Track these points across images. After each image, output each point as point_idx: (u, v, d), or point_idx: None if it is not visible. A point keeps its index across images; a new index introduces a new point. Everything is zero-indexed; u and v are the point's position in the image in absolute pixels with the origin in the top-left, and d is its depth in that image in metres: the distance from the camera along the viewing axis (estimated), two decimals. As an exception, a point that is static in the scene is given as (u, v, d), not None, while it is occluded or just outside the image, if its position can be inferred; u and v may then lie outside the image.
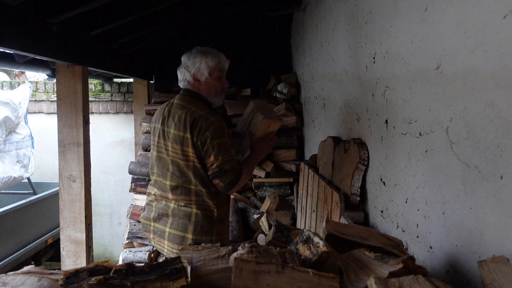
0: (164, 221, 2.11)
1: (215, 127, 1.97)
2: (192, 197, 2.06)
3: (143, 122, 3.98)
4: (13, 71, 6.79)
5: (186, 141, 1.99)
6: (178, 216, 2.07)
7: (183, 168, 2.03)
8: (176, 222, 2.07)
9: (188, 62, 2.12)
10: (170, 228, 2.09)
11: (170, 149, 2.06)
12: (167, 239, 2.09)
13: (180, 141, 2.00)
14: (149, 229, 2.19)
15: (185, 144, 1.99)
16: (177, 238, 2.06)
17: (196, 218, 2.06)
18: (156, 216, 2.15)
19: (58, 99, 2.63)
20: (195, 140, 1.98)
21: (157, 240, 2.15)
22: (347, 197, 1.88)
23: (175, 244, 2.07)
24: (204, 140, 1.96)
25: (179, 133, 2.01)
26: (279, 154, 3.82)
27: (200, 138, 1.97)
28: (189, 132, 1.97)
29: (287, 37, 4.54)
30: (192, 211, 2.06)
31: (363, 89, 1.90)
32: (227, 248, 0.95)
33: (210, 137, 1.95)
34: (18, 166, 4.62)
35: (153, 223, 2.16)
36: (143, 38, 3.33)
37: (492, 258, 0.84)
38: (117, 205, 5.61)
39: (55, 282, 0.89)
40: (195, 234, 2.05)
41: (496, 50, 0.92)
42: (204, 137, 1.96)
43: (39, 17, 2.05)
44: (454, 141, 1.10)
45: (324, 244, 0.91)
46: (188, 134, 1.98)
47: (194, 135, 1.97)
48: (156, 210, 2.15)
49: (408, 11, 1.38)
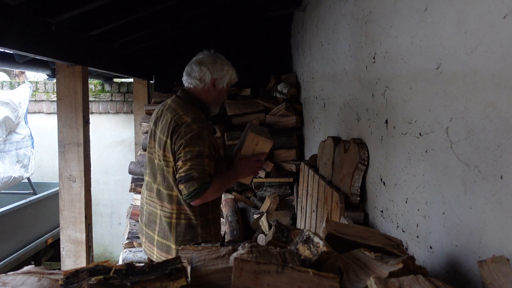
0: (152, 228, 2.09)
1: (193, 135, 1.89)
2: (173, 206, 2.00)
3: (143, 122, 3.98)
4: (13, 71, 6.78)
5: (167, 147, 1.95)
6: (162, 223, 2.04)
7: (165, 173, 1.99)
8: (162, 230, 2.05)
9: (213, 65, 2.07)
10: (157, 235, 2.07)
11: (156, 151, 2.02)
12: (155, 246, 2.08)
13: (163, 146, 1.96)
14: (142, 232, 2.19)
15: (166, 150, 1.95)
16: (164, 247, 2.05)
17: (176, 228, 2.01)
18: (146, 221, 2.13)
19: (58, 99, 2.63)
20: (173, 146, 1.93)
21: (147, 245, 2.14)
22: (347, 197, 1.88)
23: (163, 252, 2.05)
24: (178, 146, 1.90)
25: (162, 137, 1.97)
26: (279, 154, 3.82)
27: (176, 143, 1.91)
28: (169, 137, 1.93)
29: (287, 37, 4.54)
30: (171, 221, 2.01)
31: (363, 89, 1.90)
32: (227, 248, 0.95)
33: (184, 143, 1.88)
34: (18, 166, 4.62)
35: (144, 227, 2.15)
36: (143, 38, 3.33)
37: (492, 258, 0.84)
38: (117, 205, 5.61)
39: (55, 282, 0.89)
40: (178, 243, 2.01)
41: (496, 50, 0.92)
42: (179, 143, 1.90)
43: (39, 17, 2.05)
44: (454, 141, 1.10)
45: (324, 244, 0.91)
46: (169, 139, 1.94)
47: (173, 141, 1.93)
48: (146, 215, 2.14)
49: (408, 11, 1.38)
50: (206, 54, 2.12)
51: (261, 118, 3.90)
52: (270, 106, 3.98)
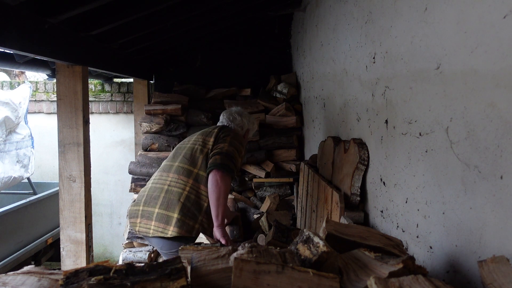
0: (154, 202, 2.26)
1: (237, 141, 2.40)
2: (190, 180, 2.27)
3: (143, 122, 3.98)
4: (13, 71, 6.78)
5: (211, 134, 2.39)
6: (168, 195, 2.24)
7: (196, 151, 2.33)
8: (166, 201, 2.24)
9: (249, 119, 2.67)
10: (159, 208, 2.23)
11: (193, 139, 2.42)
12: (154, 219, 2.22)
13: (205, 133, 2.41)
14: (136, 214, 2.30)
15: (209, 136, 2.38)
16: (164, 217, 2.21)
17: (185, 200, 2.23)
18: (146, 200, 2.30)
19: (58, 99, 2.63)
20: (219, 134, 2.37)
21: (143, 223, 2.26)
22: (347, 197, 1.88)
23: (161, 223, 2.21)
24: (224, 137, 2.36)
25: (209, 130, 2.46)
26: (279, 154, 3.82)
27: (223, 134, 2.38)
28: (216, 129, 2.43)
29: (287, 37, 4.54)
30: (183, 192, 2.24)
31: (363, 89, 1.90)
32: (227, 248, 0.95)
33: (230, 139, 2.35)
34: (18, 166, 4.61)
35: (142, 207, 2.29)
36: (143, 38, 3.33)
37: (492, 258, 0.84)
38: (117, 205, 5.60)
39: (55, 282, 0.89)
40: (181, 214, 2.20)
41: (496, 50, 0.92)
42: (226, 136, 2.36)
43: (39, 17, 2.05)
44: (454, 141, 1.10)
45: (324, 244, 0.91)
46: (216, 129, 2.43)
47: (220, 132, 2.40)
48: (148, 195, 2.31)
49: (408, 11, 1.38)
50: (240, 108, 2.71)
51: (261, 118, 3.90)
52: (270, 106, 3.98)
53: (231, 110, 2.67)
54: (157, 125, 3.91)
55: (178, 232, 2.18)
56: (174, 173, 2.30)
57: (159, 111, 3.98)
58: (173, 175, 2.30)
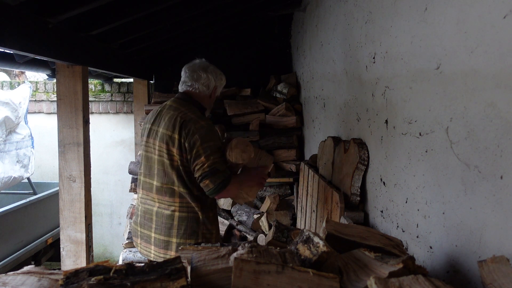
0: (148, 226, 2.11)
1: (206, 130, 1.97)
2: (176, 199, 2.04)
3: (143, 122, 3.97)
4: (13, 71, 6.78)
5: (172, 141, 1.98)
6: (161, 219, 2.06)
7: (167, 167, 2.02)
8: (159, 226, 2.06)
9: (216, 74, 2.22)
10: (154, 233, 2.08)
11: (157, 147, 2.05)
12: (153, 244, 2.09)
13: (167, 140, 2.00)
14: (137, 234, 2.19)
15: (171, 144, 1.99)
16: (162, 243, 2.06)
17: (179, 221, 2.04)
18: (141, 221, 2.15)
19: (58, 99, 2.63)
20: (183, 142, 1.96)
21: (143, 246, 2.15)
22: (347, 197, 1.88)
23: (161, 249, 2.06)
24: (193, 143, 1.94)
25: (167, 132, 2.01)
26: (279, 154, 3.82)
27: (188, 140, 1.95)
28: (177, 133, 1.97)
29: (287, 37, 4.54)
30: (174, 214, 2.04)
31: (363, 89, 1.90)
32: (227, 248, 0.95)
33: (200, 139, 1.94)
34: (18, 166, 4.61)
35: (139, 227, 2.17)
36: (143, 38, 3.33)
37: (492, 258, 0.84)
38: (117, 205, 5.61)
39: (55, 282, 0.89)
40: (179, 237, 2.03)
41: (496, 50, 0.92)
42: (193, 140, 1.94)
43: (39, 17, 2.05)
44: (454, 141, 1.10)
45: (324, 244, 0.91)
46: (176, 134, 1.97)
47: (182, 136, 1.96)
48: (141, 215, 2.15)
49: (408, 11, 1.38)
50: (204, 61, 2.26)
51: (261, 118, 3.90)
52: (270, 106, 3.98)
53: (194, 64, 2.22)
54: (157, 125, 3.91)
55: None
56: (157, 194, 2.07)
57: (159, 111, 3.97)
58: (158, 196, 2.07)
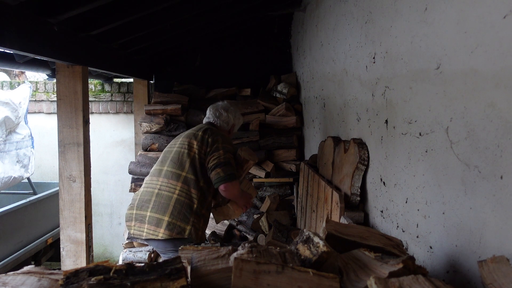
0: (146, 206, 2.33)
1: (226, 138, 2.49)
2: (179, 183, 2.33)
3: (143, 122, 3.97)
4: (13, 71, 6.78)
5: (195, 136, 2.42)
6: (159, 199, 2.31)
7: (183, 155, 2.37)
8: (156, 205, 2.30)
9: (235, 113, 2.70)
10: (150, 211, 2.30)
11: (179, 142, 2.45)
12: (146, 223, 2.30)
13: (190, 136, 2.44)
14: (131, 217, 2.37)
15: (194, 138, 2.41)
16: (155, 220, 2.28)
17: (175, 203, 2.29)
18: (139, 204, 2.37)
19: (58, 99, 2.63)
20: (206, 137, 2.39)
21: (137, 226, 2.34)
22: (347, 197, 1.88)
23: (152, 226, 2.28)
24: (215, 140, 2.38)
25: (192, 131, 2.49)
26: (279, 154, 3.82)
27: (212, 137, 2.39)
28: (202, 131, 2.44)
29: (287, 37, 4.54)
30: (173, 196, 2.30)
31: (363, 89, 1.90)
32: (227, 248, 0.95)
33: (221, 140, 2.40)
34: (18, 166, 4.61)
35: (135, 210, 2.36)
36: (143, 38, 3.33)
37: (492, 258, 0.84)
38: (117, 205, 5.60)
39: (55, 282, 0.89)
40: (171, 217, 2.27)
41: (496, 50, 0.92)
42: (216, 138, 2.39)
43: (39, 17, 2.05)
44: (454, 141, 1.10)
45: (324, 244, 0.91)
46: (201, 132, 2.43)
47: (207, 134, 2.41)
48: (140, 199, 2.38)
49: (408, 11, 1.38)
50: (226, 103, 2.73)
51: (261, 118, 3.90)
52: (270, 106, 3.98)
53: (217, 105, 2.70)
54: (157, 125, 3.92)
55: (169, 235, 2.25)
56: (163, 177, 2.37)
57: (159, 111, 3.98)
58: (162, 179, 2.36)
